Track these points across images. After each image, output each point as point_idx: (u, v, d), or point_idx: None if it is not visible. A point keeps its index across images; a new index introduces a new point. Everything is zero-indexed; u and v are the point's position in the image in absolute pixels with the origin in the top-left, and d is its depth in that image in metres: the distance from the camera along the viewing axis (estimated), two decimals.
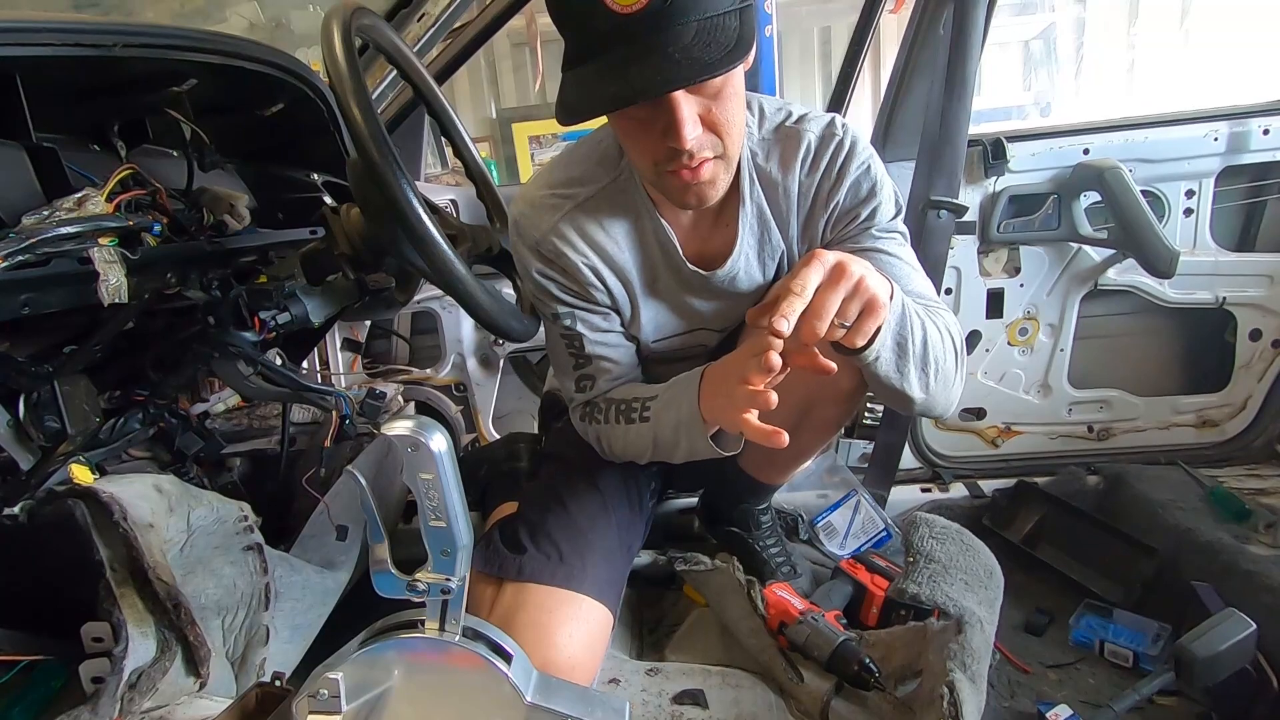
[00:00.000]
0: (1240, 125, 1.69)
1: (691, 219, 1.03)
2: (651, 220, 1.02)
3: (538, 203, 1.01)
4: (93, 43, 0.82)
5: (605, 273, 1.03)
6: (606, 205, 1.01)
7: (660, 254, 1.04)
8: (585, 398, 1.10)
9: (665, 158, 0.85)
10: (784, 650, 1.08)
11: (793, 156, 1.00)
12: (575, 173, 1.02)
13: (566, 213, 1.00)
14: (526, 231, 1.02)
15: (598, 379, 1.08)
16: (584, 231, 1.00)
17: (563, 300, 1.04)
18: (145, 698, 0.79)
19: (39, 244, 0.73)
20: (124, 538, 0.86)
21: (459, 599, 0.61)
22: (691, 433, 0.96)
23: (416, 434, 0.55)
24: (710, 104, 0.83)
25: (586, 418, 1.10)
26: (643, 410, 1.03)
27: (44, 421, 0.92)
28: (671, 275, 1.05)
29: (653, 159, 0.86)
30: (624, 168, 1.01)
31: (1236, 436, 1.84)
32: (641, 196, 1.01)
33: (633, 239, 1.03)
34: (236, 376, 1.10)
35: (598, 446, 1.12)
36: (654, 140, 0.84)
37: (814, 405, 1.09)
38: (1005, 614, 1.13)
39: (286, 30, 2.09)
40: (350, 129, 0.79)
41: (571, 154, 1.06)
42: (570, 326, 1.05)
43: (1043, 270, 1.80)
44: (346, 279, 1.12)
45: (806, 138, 1.00)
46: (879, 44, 3.90)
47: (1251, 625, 1.10)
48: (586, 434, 1.12)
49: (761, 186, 1.02)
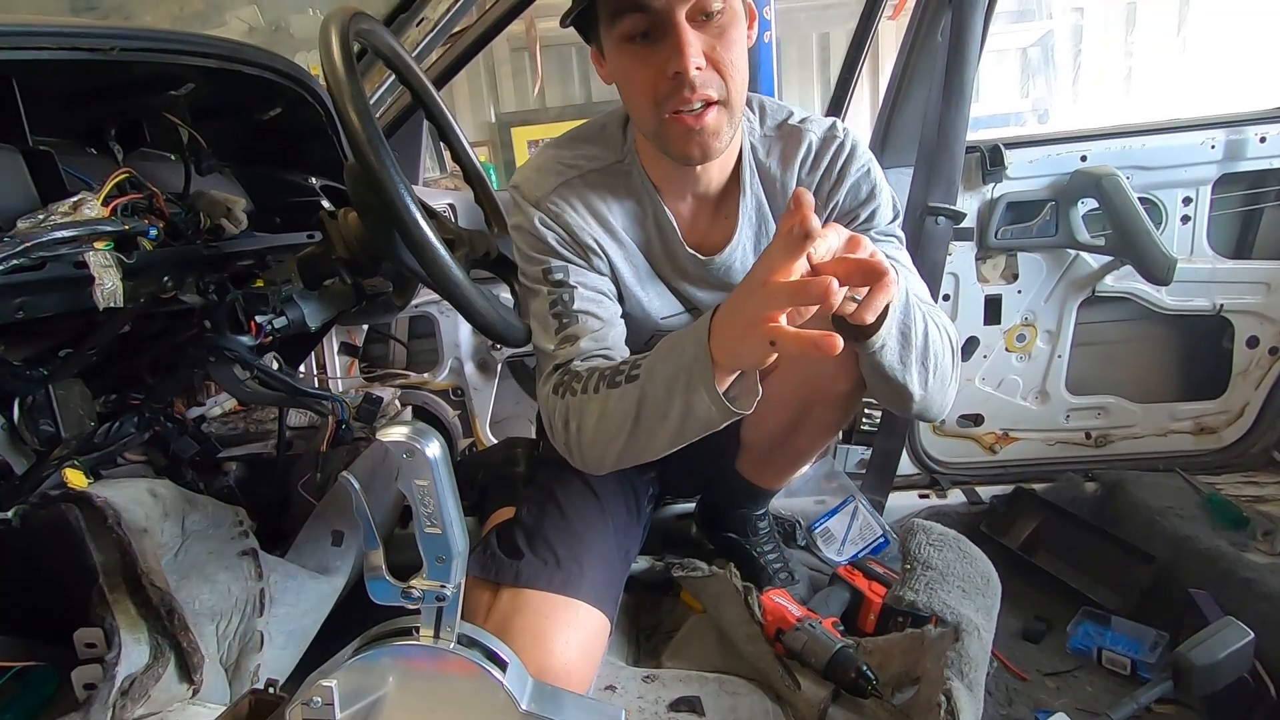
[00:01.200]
0: (1237, 133, 1.70)
1: (691, 208, 1.04)
2: (652, 204, 1.02)
3: (542, 168, 1.02)
4: (89, 46, 0.82)
5: (605, 242, 1.02)
6: (609, 182, 1.02)
7: (659, 238, 1.04)
8: (564, 356, 0.96)
9: (668, 93, 0.86)
10: (781, 657, 1.08)
11: (793, 154, 1.02)
12: (580, 149, 1.03)
13: (569, 180, 1.00)
14: (528, 190, 1.01)
15: (580, 339, 0.96)
16: (586, 199, 1.01)
17: (559, 253, 1.00)
18: (138, 704, 0.79)
19: (34, 248, 0.73)
20: (118, 543, 0.85)
21: (454, 606, 0.60)
22: (692, 385, 0.80)
23: (412, 440, 0.54)
24: (714, 42, 0.85)
25: (561, 388, 0.94)
26: (631, 369, 0.88)
27: (38, 425, 0.92)
28: (669, 261, 1.06)
29: (655, 97, 0.87)
30: (627, 151, 1.02)
31: (1234, 444, 1.84)
32: (643, 180, 1.01)
33: (632, 219, 1.03)
34: (232, 381, 1.10)
35: (562, 433, 0.95)
36: (656, 73, 0.85)
37: (811, 408, 1.09)
38: (1003, 621, 1.12)
39: (286, 34, 2.09)
40: (347, 133, 0.79)
41: (576, 133, 1.07)
42: (561, 279, 0.99)
43: (1040, 277, 1.80)
44: (344, 283, 1.12)
45: (808, 137, 1.01)
46: (877, 50, 3.92)
47: (1249, 634, 1.10)
48: (553, 415, 0.96)
49: (761, 180, 1.03)
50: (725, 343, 0.77)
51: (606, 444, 0.91)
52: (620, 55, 0.89)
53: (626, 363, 0.90)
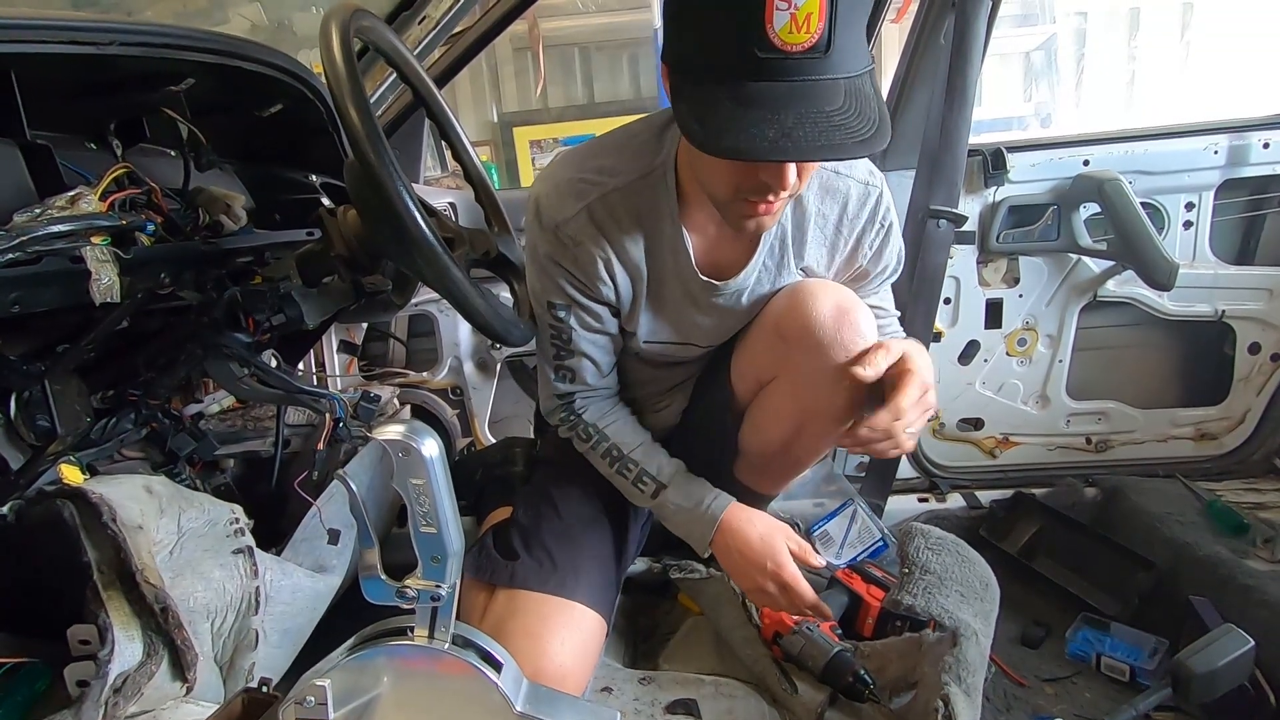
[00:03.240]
0: (1240, 139, 1.69)
1: (714, 230, 1.03)
2: (672, 225, 1.01)
3: (564, 186, 0.99)
4: (89, 40, 0.82)
5: (616, 267, 1.01)
6: (631, 201, 0.99)
7: (673, 262, 1.03)
8: (563, 389, 1.10)
9: (752, 191, 0.85)
10: (778, 661, 1.07)
11: (829, 195, 1.03)
12: (607, 161, 1.00)
13: (590, 201, 0.98)
14: (546, 213, 0.99)
15: (579, 373, 1.09)
16: (603, 223, 0.99)
17: (564, 291, 1.03)
18: (130, 702, 0.78)
19: (30, 242, 0.72)
20: (112, 539, 0.84)
21: (449, 606, 0.60)
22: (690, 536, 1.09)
23: (407, 438, 0.54)
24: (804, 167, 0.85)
25: (567, 426, 1.13)
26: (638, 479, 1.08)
27: (35, 420, 0.91)
28: (679, 285, 1.05)
29: (736, 189, 0.86)
30: (659, 165, 0.99)
31: (1235, 450, 1.83)
32: (669, 197, 0.99)
33: (649, 239, 1.02)
34: (230, 377, 1.10)
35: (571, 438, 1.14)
36: (747, 174, 0.84)
37: (809, 421, 1.08)
38: (1001, 626, 1.12)
39: (288, 32, 2.09)
40: (347, 130, 0.78)
41: (604, 142, 1.05)
42: (563, 319, 1.05)
43: (1042, 281, 1.80)
44: (343, 281, 1.11)
45: (847, 181, 1.02)
46: (880, 53, 3.91)
47: (1250, 642, 1.09)
48: (560, 426, 1.14)
49: (792, 211, 1.03)
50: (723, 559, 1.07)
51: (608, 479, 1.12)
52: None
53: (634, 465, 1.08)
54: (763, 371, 1.09)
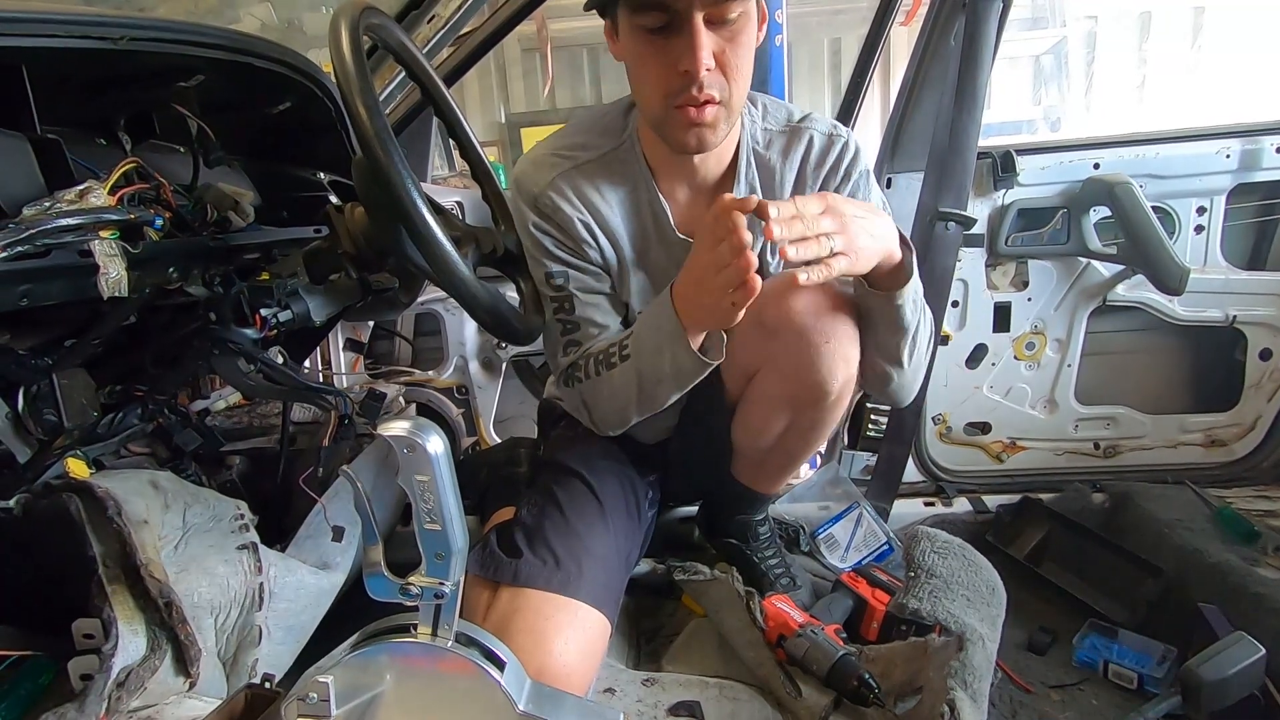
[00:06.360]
0: (1253, 143, 1.68)
1: (687, 195, 1.09)
2: (647, 190, 1.08)
3: (539, 160, 1.08)
4: (99, 35, 0.82)
5: (597, 231, 1.08)
6: (605, 170, 1.07)
7: (653, 223, 1.09)
8: (569, 360, 1.10)
9: (676, 89, 0.92)
10: (782, 663, 1.07)
11: (793, 148, 1.08)
12: (578, 139, 1.09)
13: (564, 171, 1.06)
14: (525, 186, 1.07)
15: (584, 344, 1.10)
16: (579, 190, 1.06)
17: (556, 256, 1.07)
18: (133, 696, 0.78)
19: (39, 235, 0.73)
20: (118, 534, 0.85)
21: (452, 604, 0.60)
22: (675, 349, 0.96)
23: (413, 435, 0.54)
24: (725, 45, 0.91)
25: (570, 380, 1.10)
26: (621, 350, 1.03)
27: (42, 414, 0.92)
28: (662, 246, 1.10)
29: (664, 90, 0.93)
30: (625, 139, 1.08)
31: (1245, 457, 1.82)
32: (640, 167, 1.07)
33: (627, 206, 1.08)
34: (236, 373, 1.10)
35: (583, 414, 1.12)
36: (668, 67, 0.91)
37: (801, 408, 1.08)
38: (1007, 632, 1.11)
39: (299, 30, 2.10)
40: (355, 128, 0.78)
41: (576, 123, 1.13)
42: (562, 286, 1.08)
43: (1051, 284, 1.79)
44: (350, 278, 1.11)
45: (809, 133, 1.09)
46: (889, 56, 3.91)
47: (1261, 650, 1.08)
48: (570, 403, 1.13)
49: (758, 171, 1.08)
50: (690, 313, 0.94)
51: (621, 412, 1.07)
52: (635, 42, 0.94)
53: (614, 345, 1.04)
54: (749, 364, 1.09)
